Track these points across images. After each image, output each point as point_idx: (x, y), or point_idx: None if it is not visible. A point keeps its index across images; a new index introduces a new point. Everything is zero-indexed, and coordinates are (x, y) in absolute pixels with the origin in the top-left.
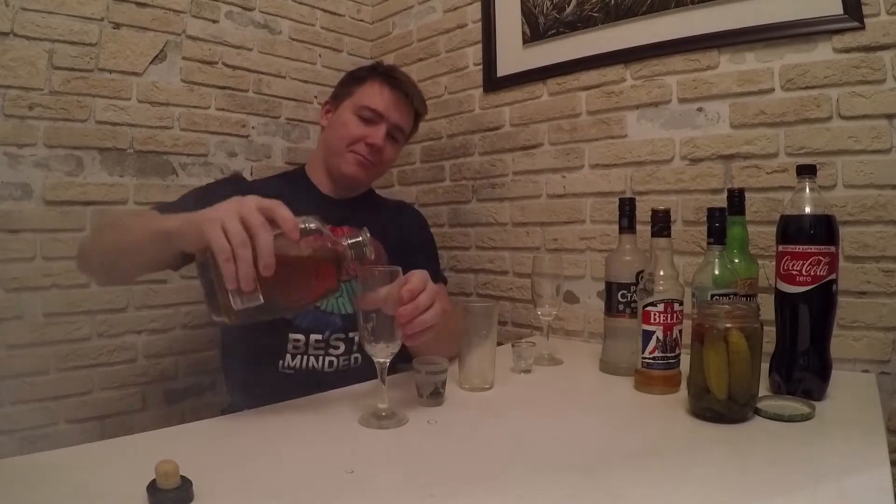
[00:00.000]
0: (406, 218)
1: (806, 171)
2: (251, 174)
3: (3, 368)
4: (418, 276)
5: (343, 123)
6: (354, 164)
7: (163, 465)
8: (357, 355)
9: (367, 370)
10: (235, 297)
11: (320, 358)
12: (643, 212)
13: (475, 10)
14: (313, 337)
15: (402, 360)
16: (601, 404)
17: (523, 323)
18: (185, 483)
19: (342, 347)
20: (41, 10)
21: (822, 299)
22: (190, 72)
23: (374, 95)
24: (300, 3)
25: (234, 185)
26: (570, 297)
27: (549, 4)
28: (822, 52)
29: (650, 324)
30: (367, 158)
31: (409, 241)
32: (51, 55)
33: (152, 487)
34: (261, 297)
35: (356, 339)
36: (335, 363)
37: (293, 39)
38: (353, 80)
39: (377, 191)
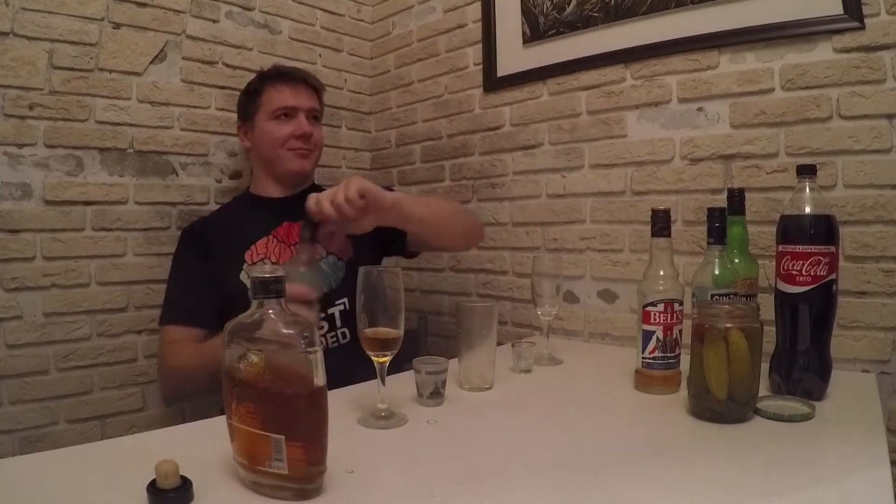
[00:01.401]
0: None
1: (806, 171)
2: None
3: (3, 368)
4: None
5: (266, 132)
6: (295, 158)
7: (163, 465)
8: (344, 329)
9: (355, 347)
10: None
11: (324, 337)
12: (643, 212)
13: (475, 10)
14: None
15: (402, 361)
16: (601, 404)
17: (523, 323)
18: (185, 483)
19: (325, 326)
20: (41, 10)
21: (822, 299)
22: (190, 72)
23: (277, 95)
24: (300, 3)
25: (191, 237)
26: (570, 297)
27: (549, 4)
28: (822, 52)
29: (650, 324)
30: (304, 147)
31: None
32: (51, 55)
33: (152, 487)
34: None
35: (335, 314)
36: (323, 343)
37: (293, 39)
38: (251, 94)
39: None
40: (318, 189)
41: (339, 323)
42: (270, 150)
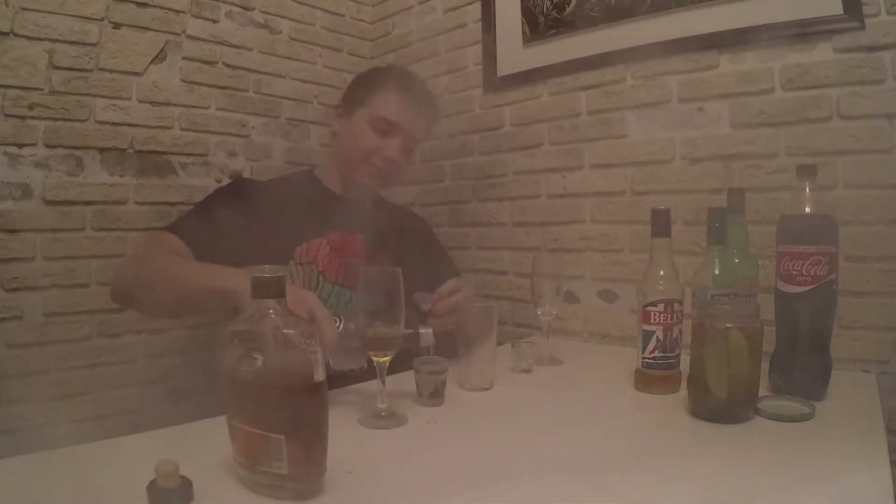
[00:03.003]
0: (414, 229)
1: (806, 171)
2: (251, 174)
3: (3, 368)
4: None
5: (359, 135)
6: (370, 177)
7: (163, 466)
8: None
9: (372, 371)
10: None
11: None
12: (643, 212)
13: (475, 10)
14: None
15: (403, 360)
16: (601, 404)
17: (523, 323)
18: (185, 483)
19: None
20: (41, 10)
21: (822, 299)
22: (190, 72)
23: (391, 107)
24: (300, 3)
25: (240, 190)
26: (570, 297)
27: (549, 4)
28: (822, 52)
29: (650, 324)
30: (383, 170)
31: (413, 244)
32: (51, 55)
33: (152, 487)
34: None
35: (337, 321)
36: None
37: (293, 39)
38: (368, 86)
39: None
40: (383, 202)
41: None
42: (352, 154)
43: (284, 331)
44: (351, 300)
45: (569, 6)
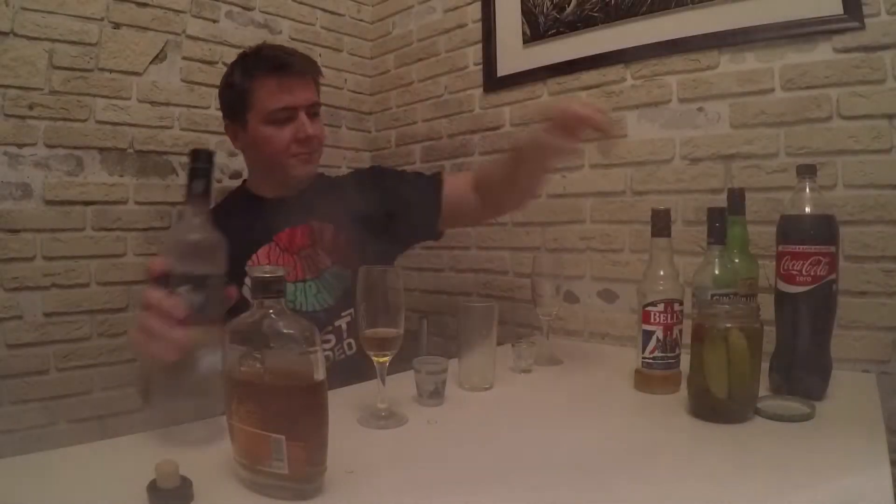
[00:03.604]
0: (356, 183)
1: (806, 171)
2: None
3: (3, 368)
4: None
5: (264, 139)
6: (301, 164)
7: (163, 466)
8: (349, 341)
9: (361, 356)
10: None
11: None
12: (643, 212)
13: (475, 10)
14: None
15: (403, 360)
16: (601, 404)
17: (523, 323)
18: (185, 483)
19: (332, 340)
20: (41, 9)
21: (822, 299)
22: (190, 71)
23: (273, 94)
24: (300, 3)
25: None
26: (570, 297)
27: (549, 4)
28: (822, 52)
29: (650, 324)
30: (307, 152)
31: (371, 197)
32: (51, 55)
33: (152, 487)
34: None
35: (342, 326)
36: (330, 357)
37: (293, 39)
38: (238, 92)
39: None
40: (327, 180)
41: (345, 335)
42: (270, 158)
43: (284, 331)
44: (319, 292)
45: (569, 6)
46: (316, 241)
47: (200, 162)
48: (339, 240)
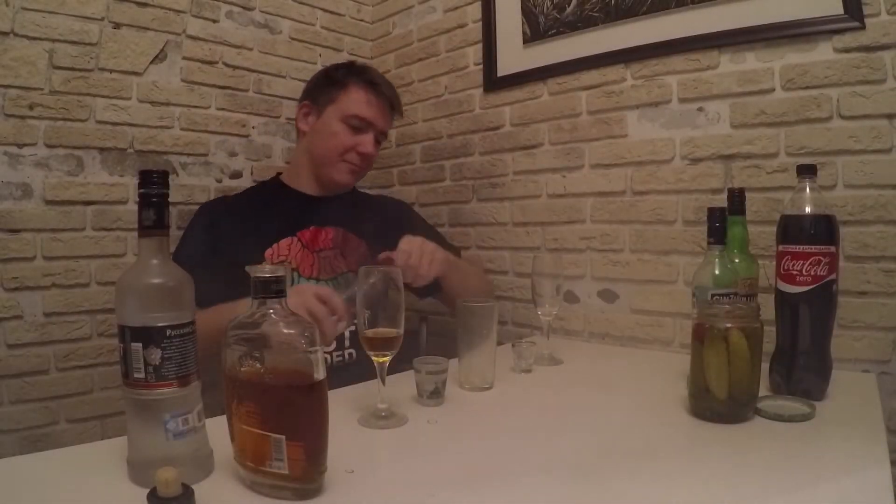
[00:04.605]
0: (392, 211)
1: (806, 171)
2: (251, 174)
3: (3, 368)
4: (406, 241)
5: (332, 133)
6: (347, 173)
7: (163, 473)
8: (351, 350)
9: (360, 365)
10: None
11: (329, 354)
12: (643, 212)
13: (475, 10)
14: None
15: (403, 360)
16: (601, 404)
17: (523, 323)
18: (187, 491)
19: (334, 344)
20: (41, 9)
21: (823, 299)
22: (190, 71)
23: (362, 104)
24: (300, 3)
25: (207, 214)
26: (570, 297)
27: (549, 4)
28: (822, 52)
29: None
30: (358, 165)
31: (392, 227)
32: (51, 55)
33: (152, 496)
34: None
35: (345, 333)
36: (329, 360)
37: (293, 39)
38: (334, 83)
39: (365, 190)
40: (360, 195)
41: (347, 343)
42: (326, 152)
43: (284, 331)
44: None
45: (569, 6)
46: (338, 246)
47: (152, 186)
48: (360, 251)
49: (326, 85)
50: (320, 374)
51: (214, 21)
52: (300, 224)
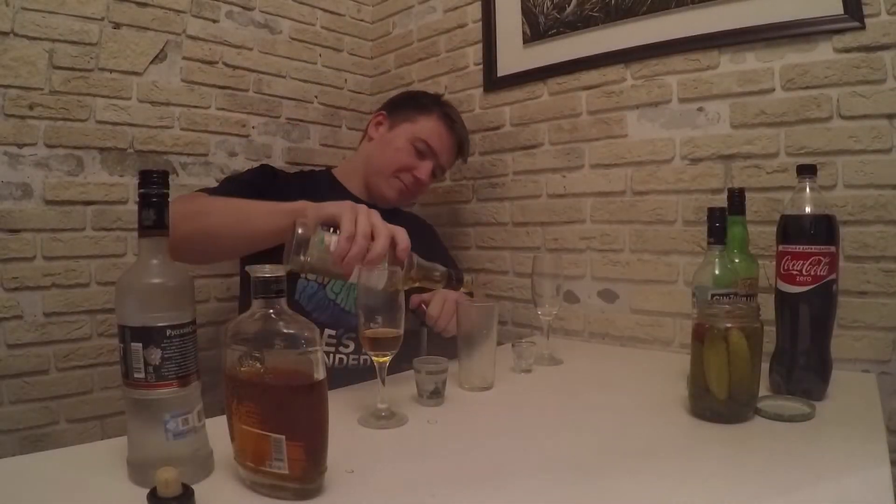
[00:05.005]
0: (420, 230)
1: (806, 171)
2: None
3: (3, 368)
4: (437, 302)
5: (397, 148)
6: (396, 191)
7: (163, 473)
8: (366, 357)
9: (372, 371)
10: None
11: (330, 355)
12: (643, 212)
13: (475, 10)
14: (327, 332)
15: (403, 360)
16: (601, 404)
17: (523, 323)
18: (187, 491)
19: (352, 346)
20: (41, 9)
21: (823, 299)
22: (190, 71)
23: (434, 133)
24: (300, 3)
25: (267, 173)
26: (570, 297)
27: (549, 4)
28: (822, 52)
29: None
30: (408, 189)
31: (420, 247)
32: (51, 55)
33: (152, 496)
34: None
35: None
36: (344, 361)
37: (293, 39)
38: (417, 106)
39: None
40: (398, 214)
41: (353, 347)
42: (384, 165)
43: (284, 331)
44: None
45: (569, 6)
46: None
47: (152, 186)
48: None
49: (410, 105)
50: (320, 374)
51: (214, 21)
52: None
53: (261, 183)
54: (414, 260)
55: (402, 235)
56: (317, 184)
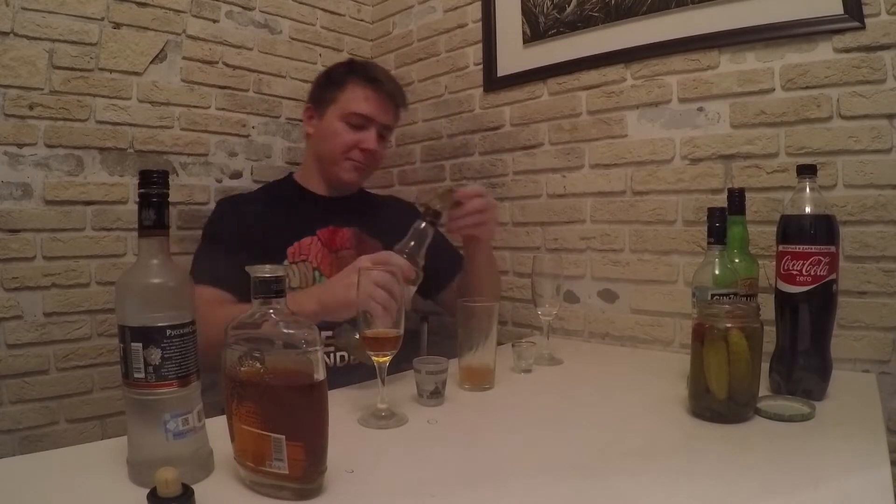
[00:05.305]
0: (402, 212)
1: (806, 171)
2: (251, 174)
3: (3, 368)
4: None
5: (333, 132)
6: (352, 171)
7: (163, 473)
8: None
9: (372, 371)
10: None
11: (330, 355)
12: (643, 212)
13: (475, 10)
14: (324, 333)
15: (403, 360)
16: (601, 404)
17: (523, 323)
18: (187, 491)
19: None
20: (41, 9)
21: (823, 299)
22: (190, 71)
23: (360, 101)
24: (300, 3)
25: (230, 213)
26: (570, 297)
27: (549, 4)
28: (822, 52)
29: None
30: (362, 162)
31: (402, 229)
32: (51, 55)
33: (152, 496)
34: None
35: None
36: (346, 358)
37: (293, 39)
38: (332, 84)
39: (370, 189)
40: (368, 195)
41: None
42: (331, 152)
43: (284, 331)
44: None
45: (569, 6)
46: (354, 246)
47: (152, 185)
48: (376, 251)
49: (327, 86)
50: (320, 374)
51: (214, 21)
52: (319, 223)
53: (235, 230)
54: (417, 262)
55: (397, 263)
56: (281, 195)
